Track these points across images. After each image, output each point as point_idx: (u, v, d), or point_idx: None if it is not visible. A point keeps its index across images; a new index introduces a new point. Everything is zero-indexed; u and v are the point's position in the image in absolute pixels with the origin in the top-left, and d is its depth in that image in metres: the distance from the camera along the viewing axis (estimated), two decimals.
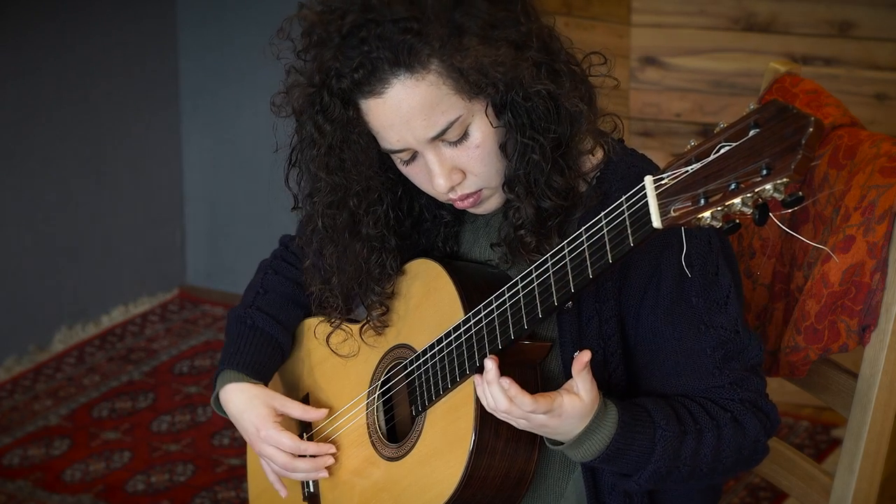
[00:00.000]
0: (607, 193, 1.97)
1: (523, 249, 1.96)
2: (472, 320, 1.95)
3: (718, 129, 1.66)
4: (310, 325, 2.25)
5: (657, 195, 1.70)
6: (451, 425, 1.98)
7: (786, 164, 1.57)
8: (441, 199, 2.01)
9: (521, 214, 1.96)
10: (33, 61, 4.02)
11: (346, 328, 2.16)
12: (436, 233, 2.12)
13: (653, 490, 2.04)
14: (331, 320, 2.17)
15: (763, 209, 1.61)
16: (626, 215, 1.74)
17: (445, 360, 1.98)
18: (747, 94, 3.62)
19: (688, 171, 1.67)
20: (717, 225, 1.64)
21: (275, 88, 2.01)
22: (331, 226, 2.06)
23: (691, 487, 2.06)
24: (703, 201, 1.65)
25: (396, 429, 2.11)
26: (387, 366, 2.12)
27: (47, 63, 4.05)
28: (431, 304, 2.05)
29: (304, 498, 2.21)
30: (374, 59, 1.88)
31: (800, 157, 1.56)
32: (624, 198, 1.75)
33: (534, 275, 1.87)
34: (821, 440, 3.65)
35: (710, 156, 1.65)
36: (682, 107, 3.70)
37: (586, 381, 1.88)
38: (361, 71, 1.89)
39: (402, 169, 2.00)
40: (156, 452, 3.69)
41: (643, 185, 1.72)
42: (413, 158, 1.97)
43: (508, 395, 1.86)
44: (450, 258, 2.11)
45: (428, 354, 2.02)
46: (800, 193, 1.60)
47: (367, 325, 2.13)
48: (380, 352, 2.13)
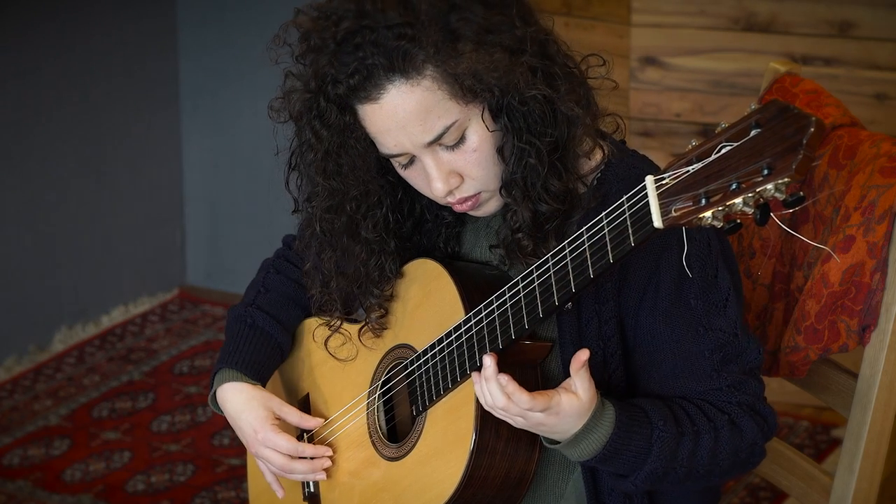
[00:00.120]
0: (607, 195, 1.97)
1: (520, 253, 1.96)
2: (472, 320, 1.95)
3: (720, 128, 1.66)
4: (310, 326, 2.25)
5: (658, 195, 1.70)
6: (452, 425, 1.98)
7: (787, 164, 1.57)
8: (440, 202, 2.01)
9: (518, 218, 1.96)
10: (33, 61, 4.02)
11: (345, 331, 2.16)
12: (437, 233, 2.12)
13: (652, 490, 2.04)
14: (330, 323, 2.17)
15: (764, 209, 1.61)
16: (628, 215, 1.74)
17: (446, 360, 1.98)
18: (747, 94, 3.62)
19: (689, 170, 1.67)
20: (719, 225, 1.65)
21: (275, 89, 2.02)
22: (329, 230, 2.07)
23: (688, 489, 2.06)
24: (704, 201, 1.65)
25: (397, 429, 2.11)
26: (387, 366, 2.12)
27: (47, 63, 4.05)
28: (432, 304, 2.05)
29: (304, 498, 2.21)
30: (370, 65, 1.89)
31: (801, 157, 1.57)
32: (625, 197, 1.75)
33: (534, 274, 1.87)
34: (821, 440, 3.65)
35: (711, 156, 1.65)
36: (682, 107, 3.70)
37: (584, 380, 1.88)
38: (357, 77, 1.90)
39: (401, 172, 2.01)
40: (156, 452, 3.69)
41: (644, 185, 1.72)
42: (411, 162, 1.98)
43: (506, 392, 1.86)
44: (451, 259, 2.11)
45: (428, 354, 2.02)
46: (801, 193, 1.60)
47: (365, 328, 2.13)
48: (380, 352, 2.13)
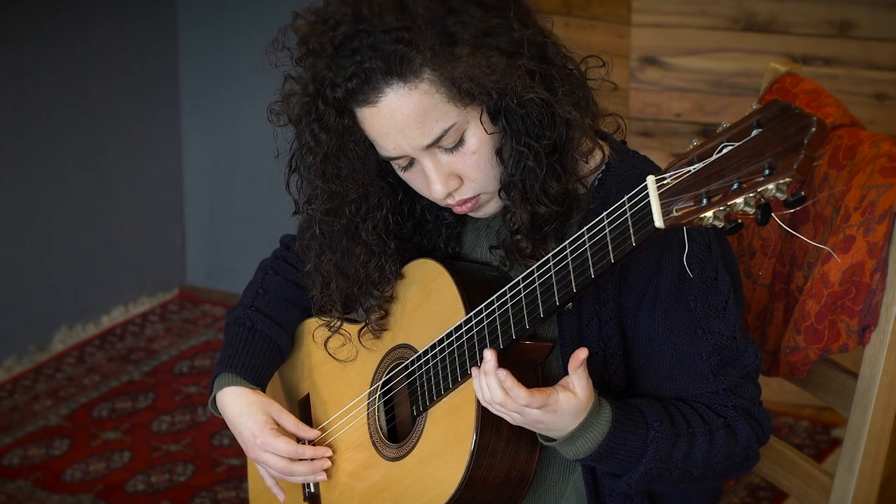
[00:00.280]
0: (607, 196, 1.97)
1: (519, 254, 1.96)
2: (473, 320, 1.95)
3: (721, 128, 1.66)
4: (310, 327, 2.25)
5: (659, 195, 1.70)
6: (453, 425, 1.98)
7: (788, 164, 1.57)
8: (440, 204, 2.01)
9: (516, 219, 1.96)
10: (33, 61, 4.02)
11: (345, 332, 2.16)
12: (437, 234, 2.12)
13: (653, 491, 2.05)
14: (330, 324, 2.17)
15: (765, 209, 1.61)
16: (629, 215, 1.74)
17: (447, 360, 1.98)
18: (747, 94, 3.62)
19: (690, 170, 1.67)
20: (720, 225, 1.65)
21: (275, 89, 2.02)
22: (328, 232, 2.07)
23: (682, 490, 2.07)
24: (705, 201, 1.65)
25: (397, 429, 2.11)
26: (388, 366, 2.12)
27: (47, 63, 4.05)
28: (432, 304, 2.05)
29: (304, 498, 2.21)
30: (367, 69, 1.89)
31: (802, 156, 1.57)
32: (626, 197, 1.75)
33: (535, 274, 1.87)
34: (821, 440, 3.65)
35: (712, 155, 1.65)
36: (682, 107, 3.70)
37: (582, 379, 1.88)
38: (355, 80, 1.90)
39: (401, 175, 2.01)
40: (156, 452, 3.69)
41: (645, 185, 1.72)
42: (410, 164, 1.98)
43: (504, 387, 1.87)
44: (451, 259, 2.11)
45: (429, 354, 2.02)
46: (802, 193, 1.60)
47: (365, 328, 2.13)
48: (380, 353, 2.13)
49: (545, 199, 1.95)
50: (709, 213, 1.64)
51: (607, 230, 1.77)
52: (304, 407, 2.24)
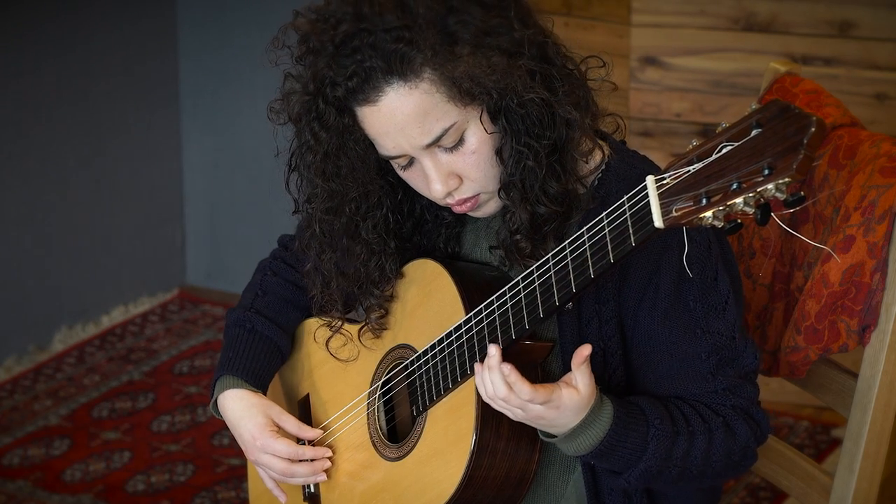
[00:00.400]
0: (607, 196, 1.97)
1: (518, 254, 1.96)
2: (473, 320, 1.95)
3: (720, 128, 1.66)
4: (310, 327, 2.25)
5: (659, 195, 1.70)
6: (453, 425, 1.98)
7: (788, 164, 1.57)
8: (439, 203, 2.01)
9: (516, 219, 1.96)
10: (33, 61, 4.02)
11: (346, 332, 2.16)
12: (437, 234, 2.12)
13: (652, 490, 2.05)
14: (331, 324, 2.17)
15: (765, 209, 1.61)
16: (628, 215, 1.74)
17: (447, 360, 1.98)
18: (747, 94, 3.62)
19: (690, 170, 1.67)
20: (719, 225, 1.65)
21: (275, 89, 2.02)
22: (328, 231, 2.07)
23: (681, 490, 2.07)
24: (704, 201, 1.65)
25: (397, 429, 2.11)
26: (387, 366, 2.12)
27: (47, 63, 4.05)
28: (432, 304, 2.05)
29: (304, 498, 2.21)
30: (368, 68, 1.89)
31: (802, 156, 1.57)
32: (626, 197, 1.75)
33: (535, 274, 1.87)
34: (821, 440, 3.65)
35: (711, 155, 1.65)
36: (682, 107, 3.70)
37: (585, 375, 1.89)
38: (355, 79, 1.90)
39: (401, 174, 2.01)
40: (156, 452, 3.69)
41: (645, 185, 1.72)
42: (410, 164, 1.98)
43: (508, 382, 1.86)
44: (451, 259, 2.11)
45: (429, 354, 2.02)
46: (802, 193, 1.60)
47: (365, 328, 2.13)
48: (380, 353, 2.13)
49: (545, 198, 1.95)
50: (708, 213, 1.64)
51: (607, 230, 1.77)
52: (303, 407, 2.24)
